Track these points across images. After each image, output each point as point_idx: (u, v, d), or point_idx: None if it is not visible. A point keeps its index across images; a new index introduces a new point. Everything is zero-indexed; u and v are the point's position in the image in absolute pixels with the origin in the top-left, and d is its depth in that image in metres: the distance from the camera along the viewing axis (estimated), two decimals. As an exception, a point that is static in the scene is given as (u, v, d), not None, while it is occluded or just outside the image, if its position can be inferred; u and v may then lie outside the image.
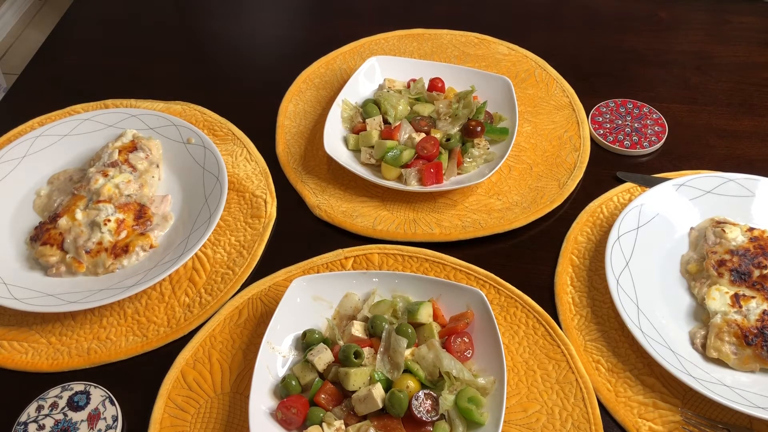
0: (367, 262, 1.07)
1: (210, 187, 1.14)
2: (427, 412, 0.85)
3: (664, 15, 1.52)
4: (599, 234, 1.10)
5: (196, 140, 1.21)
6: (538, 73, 1.37)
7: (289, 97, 1.34)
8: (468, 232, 1.10)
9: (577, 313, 1.01)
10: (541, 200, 1.14)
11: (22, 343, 1.00)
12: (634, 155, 1.22)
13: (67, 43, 1.53)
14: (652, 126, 1.25)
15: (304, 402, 0.88)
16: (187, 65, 1.46)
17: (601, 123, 1.26)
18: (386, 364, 0.90)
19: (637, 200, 1.09)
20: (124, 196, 1.12)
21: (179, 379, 0.95)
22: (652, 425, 0.89)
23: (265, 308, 1.02)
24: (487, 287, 1.03)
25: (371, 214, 1.14)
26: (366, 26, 1.49)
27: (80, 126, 1.24)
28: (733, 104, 1.32)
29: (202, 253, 1.09)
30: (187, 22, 1.59)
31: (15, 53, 3.38)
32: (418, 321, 0.94)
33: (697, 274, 1.02)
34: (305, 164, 1.22)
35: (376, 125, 1.21)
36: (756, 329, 0.92)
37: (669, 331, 0.96)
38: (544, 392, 0.92)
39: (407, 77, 1.31)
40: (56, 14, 3.50)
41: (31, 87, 1.42)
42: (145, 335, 1.00)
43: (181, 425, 0.91)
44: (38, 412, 0.90)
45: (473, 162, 1.18)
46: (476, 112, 1.21)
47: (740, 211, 1.09)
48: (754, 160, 1.22)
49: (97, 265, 1.06)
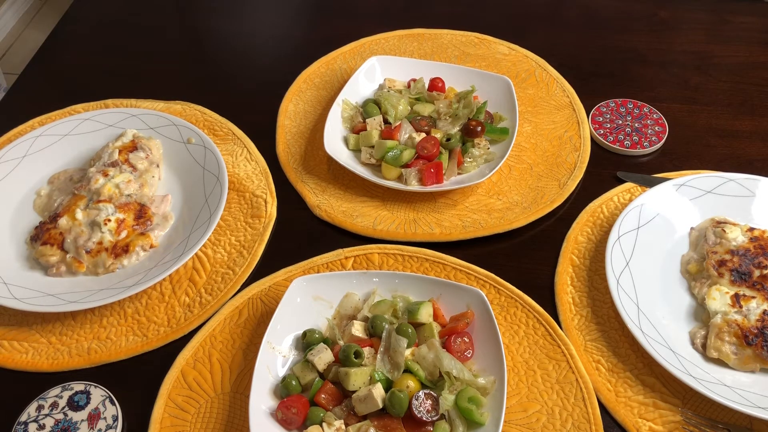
0: (367, 262, 1.07)
1: (210, 187, 1.14)
2: (428, 412, 0.85)
3: (664, 15, 1.52)
4: (599, 234, 1.10)
5: (197, 140, 1.21)
6: (538, 73, 1.37)
7: (290, 97, 1.34)
8: (468, 232, 1.10)
9: (577, 313, 1.01)
10: (542, 200, 1.14)
11: (22, 342, 1.00)
12: (635, 155, 1.22)
13: (67, 43, 1.53)
14: (652, 126, 1.25)
15: (305, 402, 0.88)
16: (188, 65, 1.46)
17: (601, 123, 1.26)
18: (386, 364, 0.90)
19: (638, 200, 1.09)
20: (125, 195, 1.12)
21: (179, 379, 0.95)
22: (653, 425, 0.89)
23: (266, 308, 1.02)
24: (488, 287, 1.03)
25: (371, 214, 1.14)
26: (366, 26, 1.49)
27: (80, 126, 1.24)
28: (734, 104, 1.32)
29: (203, 253, 1.09)
30: (188, 21, 1.59)
31: (15, 53, 3.38)
32: (419, 321, 0.94)
33: (697, 274, 1.02)
34: (305, 164, 1.22)
35: (376, 125, 1.21)
36: (756, 329, 0.92)
37: (669, 331, 0.96)
38: (545, 392, 0.92)
39: (407, 77, 1.31)
40: (56, 14, 3.50)
41: (32, 87, 1.42)
42: (145, 335, 1.00)
43: (181, 425, 0.91)
44: (38, 412, 0.90)
45: (473, 162, 1.18)
46: (476, 112, 1.21)
47: (740, 211, 1.09)
48: (755, 160, 1.22)
49: (97, 264, 1.06)
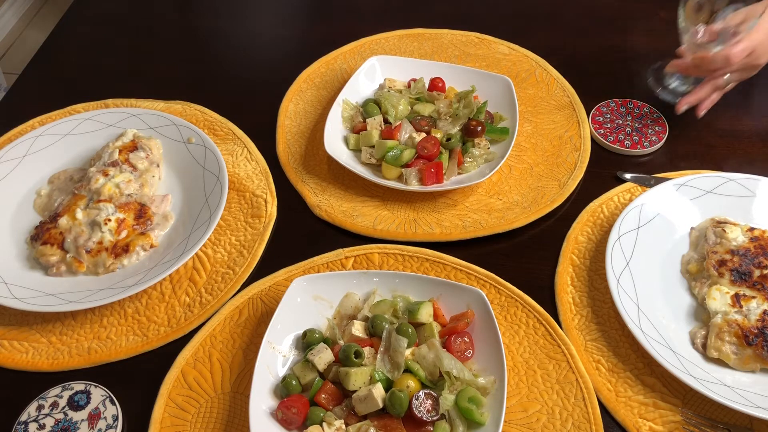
0: (367, 262, 1.07)
1: (210, 187, 1.14)
2: (428, 412, 0.85)
3: (664, 15, 1.52)
4: (600, 234, 1.10)
5: (197, 140, 1.21)
6: (538, 72, 1.37)
7: (290, 97, 1.34)
8: (468, 231, 1.10)
9: (577, 312, 1.01)
10: (542, 200, 1.14)
11: (22, 342, 1.00)
12: (635, 155, 1.22)
13: (67, 43, 1.53)
14: (652, 126, 1.25)
15: (305, 402, 0.88)
16: (188, 65, 1.46)
17: (601, 123, 1.25)
18: (386, 364, 0.90)
19: (638, 200, 1.09)
20: (125, 195, 1.12)
21: (179, 379, 0.95)
22: (653, 425, 0.89)
23: (266, 308, 1.02)
24: (488, 287, 1.03)
25: (372, 214, 1.14)
26: (366, 26, 1.49)
27: (81, 125, 1.24)
28: (734, 104, 1.32)
29: (203, 253, 1.09)
30: (188, 21, 1.59)
31: (15, 52, 3.38)
32: (419, 321, 0.94)
33: (697, 274, 1.02)
34: (306, 164, 1.22)
35: (376, 125, 1.21)
36: (756, 329, 0.92)
37: (669, 331, 0.96)
38: (545, 392, 0.92)
39: (408, 77, 1.31)
40: (57, 13, 3.50)
41: (32, 86, 1.42)
42: (145, 335, 1.00)
43: (181, 425, 0.91)
44: (39, 412, 0.90)
45: (474, 162, 1.18)
46: (477, 111, 1.21)
47: (741, 211, 1.09)
48: (755, 160, 1.22)
49: (97, 264, 1.06)
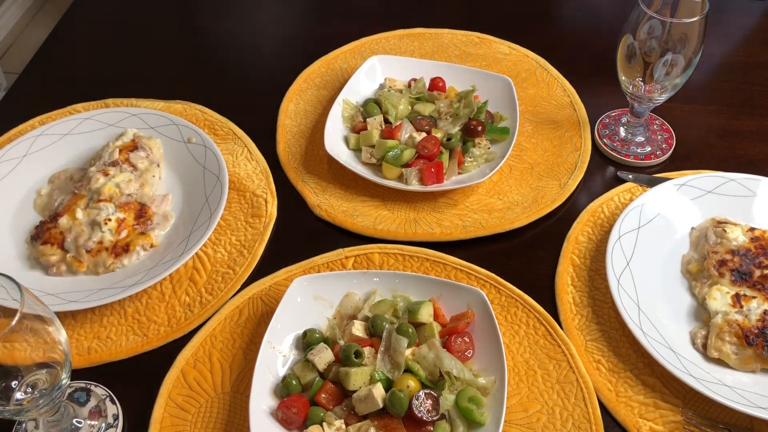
0: (367, 262, 1.07)
1: (211, 187, 1.14)
2: (428, 412, 0.85)
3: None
4: (600, 234, 1.10)
5: (197, 139, 1.21)
6: (539, 72, 1.37)
7: (290, 97, 1.34)
8: (469, 231, 1.10)
9: (577, 312, 1.01)
10: (542, 200, 1.14)
11: (22, 342, 1.00)
12: (644, 166, 1.21)
13: (67, 42, 1.52)
14: (659, 132, 1.24)
15: (305, 402, 0.88)
16: (188, 64, 1.46)
17: (610, 136, 1.24)
18: (387, 364, 0.90)
19: (638, 200, 1.08)
20: (125, 195, 1.12)
21: (179, 379, 0.95)
22: (653, 425, 0.89)
23: (266, 308, 1.02)
24: (488, 287, 1.03)
25: (372, 214, 1.14)
26: (367, 25, 1.49)
27: (81, 125, 1.24)
28: (734, 104, 1.32)
29: (203, 253, 1.09)
30: (188, 21, 1.59)
31: (16, 52, 3.38)
32: (419, 321, 0.94)
33: (698, 274, 1.02)
34: (306, 163, 1.22)
35: (376, 125, 1.21)
36: (757, 329, 0.92)
37: (670, 331, 0.96)
38: (545, 392, 0.92)
39: (408, 77, 1.31)
40: (57, 13, 3.50)
41: (32, 86, 1.42)
42: (145, 334, 1.00)
43: (181, 424, 0.91)
44: (39, 412, 0.90)
45: (474, 161, 1.18)
46: (477, 111, 1.21)
47: (741, 211, 1.09)
48: (756, 160, 1.22)
49: (97, 264, 1.06)
